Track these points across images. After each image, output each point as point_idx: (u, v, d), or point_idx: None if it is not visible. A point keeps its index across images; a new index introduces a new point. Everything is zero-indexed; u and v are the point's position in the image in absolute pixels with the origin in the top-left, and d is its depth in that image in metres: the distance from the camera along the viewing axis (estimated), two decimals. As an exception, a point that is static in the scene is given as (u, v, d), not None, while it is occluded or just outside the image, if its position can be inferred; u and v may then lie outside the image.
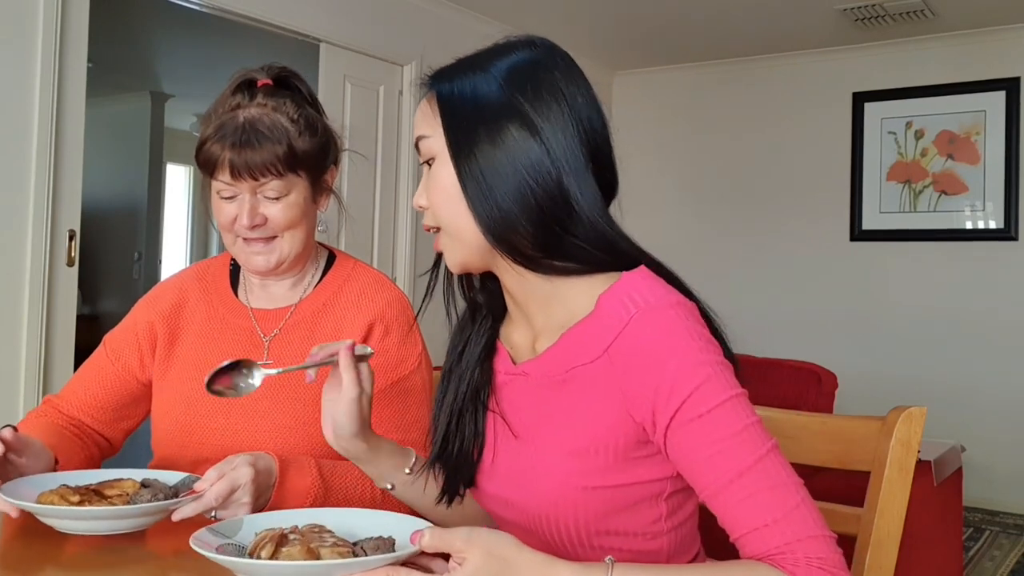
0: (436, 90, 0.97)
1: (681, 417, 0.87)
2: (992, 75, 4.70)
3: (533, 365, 0.99)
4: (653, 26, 4.80)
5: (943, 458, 2.61)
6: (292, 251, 1.36)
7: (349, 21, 4.03)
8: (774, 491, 0.86)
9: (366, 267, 1.46)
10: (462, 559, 0.79)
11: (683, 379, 0.87)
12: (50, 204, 2.95)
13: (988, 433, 4.52)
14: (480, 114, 0.94)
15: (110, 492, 1.07)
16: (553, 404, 0.96)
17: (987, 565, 3.70)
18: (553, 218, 0.92)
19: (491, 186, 0.92)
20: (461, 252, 0.98)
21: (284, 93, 1.36)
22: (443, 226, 0.98)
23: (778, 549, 0.84)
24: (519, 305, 1.02)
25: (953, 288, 4.78)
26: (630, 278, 0.94)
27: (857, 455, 1.14)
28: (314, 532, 0.90)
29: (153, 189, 6.98)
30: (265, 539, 0.86)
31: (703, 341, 0.89)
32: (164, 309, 1.43)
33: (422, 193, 0.99)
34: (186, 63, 6.22)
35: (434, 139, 0.96)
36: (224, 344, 1.39)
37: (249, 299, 1.43)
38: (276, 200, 1.32)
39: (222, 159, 1.28)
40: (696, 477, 0.89)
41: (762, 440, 0.87)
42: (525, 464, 0.97)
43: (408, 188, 4.35)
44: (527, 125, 0.93)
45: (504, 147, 0.92)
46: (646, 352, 0.89)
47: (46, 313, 2.95)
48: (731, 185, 5.36)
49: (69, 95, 3.02)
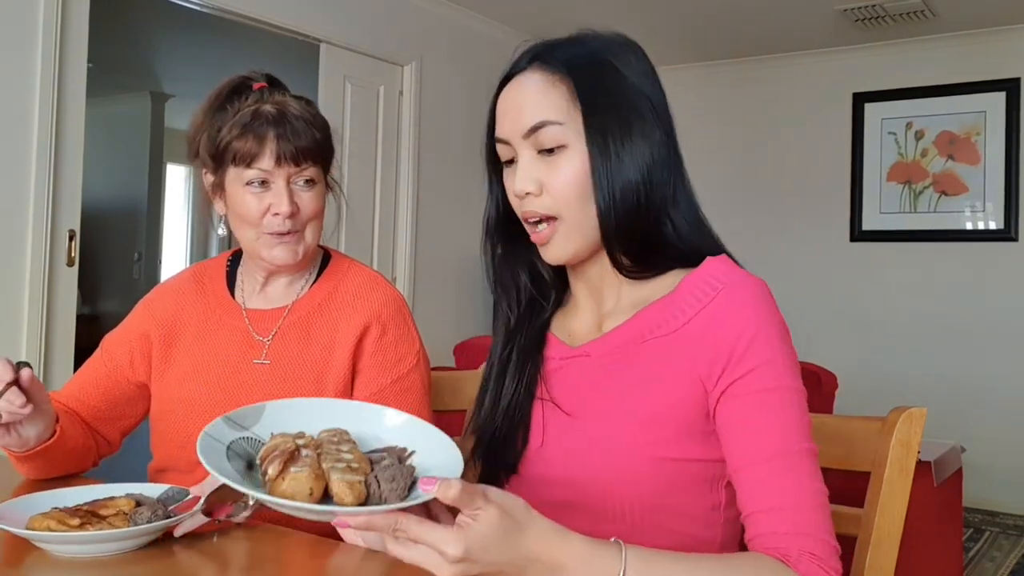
0: (573, 78, 0.95)
1: (741, 386, 0.90)
2: (992, 76, 4.70)
3: (597, 344, 1.00)
4: (652, 27, 4.80)
5: (943, 458, 2.61)
6: (312, 243, 1.38)
7: (349, 21, 4.03)
8: (799, 484, 0.87)
9: (361, 266, 1.47)
10: (476, 514, 0.75)
11: (757, 350, 0.90)
12: (50, 204, 2.95)
13: (988, 433, 4.52)
14: (620, 107, 0.95)
15: (106, 512, 1.02)
16: (619, 378, 0.96)
17: (987, 566, 3.70)
18: (667, 214, 0.96)
19: (625, 179, 0.94)
20: (576, 243, 0.97)
21: (285, 92, 1.37)
22: (564, 216, 0.96)
23: (784, 534, 0.85)
24: (592, 291, 1.03)
25: (953, 288, 4.78)
26: (715, 262, 0.96)
27: (857, 455, 1.14)
28: (332, 443, 0.84)
29: (153, 189, 6.98)
30: (275, 452, 0.81)
31: (783, 327, 0.93)
32: (160, 315, 1.43)
33: (532, 180, 0.96)
34: (186, 63, 6.22)
35: (567, 127, 0.94)
36: (221, 345, 1.39)
37: (245, 299, 1.43)
38: (309, 189, 1.34)
39: (265, 146, 1.29)
40: (734, 446, 0.90)
41: (805, 438, 0.89)
42: (583, 440, 0.96)
43: (408, 188, 4.35)
44: (658, 120, 0.96)
45: (639, 141, 0.94)
46: (730, 319, 0.91)
47: (46, 313, 2.95)
48: (731, 185, 5.36)
49: (69, 95, 3.02)
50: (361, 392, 1.35)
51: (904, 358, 4.86)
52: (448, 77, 4.56)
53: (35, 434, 1.22)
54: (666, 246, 0.98)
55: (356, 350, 1.36)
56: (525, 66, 0.99)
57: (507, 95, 0.99)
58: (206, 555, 1.00)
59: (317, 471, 0.80)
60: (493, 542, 0.75)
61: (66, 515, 0.99)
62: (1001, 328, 4.64)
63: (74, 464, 1.35)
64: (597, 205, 0.94)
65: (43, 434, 1.23)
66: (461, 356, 3.56)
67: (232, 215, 1.37)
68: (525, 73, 0.98)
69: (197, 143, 1.37)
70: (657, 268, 0.99)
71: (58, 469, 1.32)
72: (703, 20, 4.73)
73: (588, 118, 0.94)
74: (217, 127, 1.32)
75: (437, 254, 4.53)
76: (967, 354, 4.71)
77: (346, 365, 1.35)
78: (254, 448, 0.86)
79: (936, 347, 4.79)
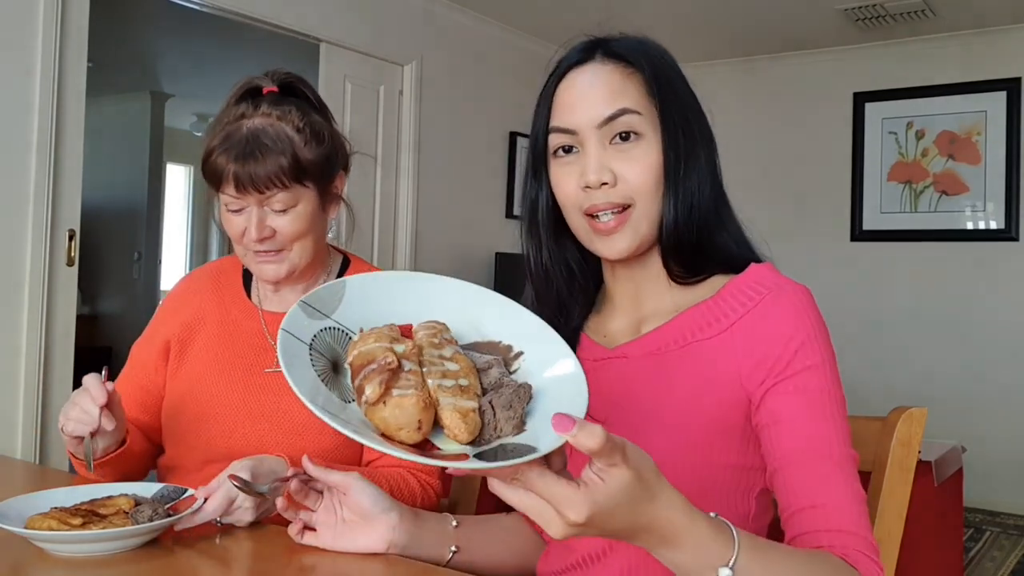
0: (648, 71, 0.97)
1: (790, 384, 0.89)
2: (993, 75, 4.70)
3: (635, 346, 0.99)
4: (651, 27, 4.78)
5: (943, 458, 2.61)
6: (302, 260, 1.36)
7: (349, 21, 4.03)
8: (845, 485, 0.86)
9: (380, 271, 1.47)
10: (608, 472, 0.66)
11: (806, 354, 0.90)
12: (50, 204, 2.95)
13: (988, 433, 4.51)
14: (688, 108, 0.97)
15: (105, 511, 1.02)
16: (658, 381, 0.96)
17: (987, 566, 3.70)
18: (722, 220, 0.98)
19: (692, 179, 0.95)
20: (642, 235, 0.96)
21: (290, 101, 1.34)
22: (640, 204, 0.95)
23: (834, 531, 0.83)
24: (635, 293, 1.03)
25: (953, 288, 4.78)
26: (760, 268, 0.97)
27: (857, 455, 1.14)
28: (433, 345, 0.75)
29: (153, 189, 6.96)
30: (373, 368, 0.70)
31: (828, 335, 0.93)
32: (182, 318, 1.44)
33: (607, 169, 0.94)
34: (186, 63, 6.21)
35: (646, 117, 0.95)
36: (237, 347, 1.39)
37: (261, 302, 1.44)
38: (283, 212, 1.30)
39: (227, 172, 1.27)
40: (777, 442, 0.89)
41: (847, 444, 0.89)
42: None
43: (408, 188, 4.35)
44: (707, 126, 0.99)
45: (703, 143, 0.97)
46: (778, 323, 0.91)
47: (46, 313, 2.95)
48: (731, 185, 5.33)
49: (69, 95, 3.02)
50: None
51: (904, 358, 4.86)
52: (448, 77, 4.56)
53: (104, 445, 1.22)
54: (715, 252, 0.98)
55: None
56: (588, 58, 0.98)
57: (574, 84, 0.97)
58: (206, 555, 1.00)
59: (426, 398, 0.70)
60: (620, 509, 0.67)
61: (67, 515, 0.99)
62: (1001, 328, 4.64)
63: (140, 470, 1.37)
64: (666, 199, 0.95)
65: (111, 446, 1.24)
66: (461, 356, 3.56)
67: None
68: (593, 64, 0.97)
69: None
70: (703, 274, 0.99)
71: (124, 475, 1.34)
72: (703, 20, 4.73)
73: (665, 112, 0.95)
74: (208, 139, 1.31)
75: (437, 254, 4.53)
76: (967, 354, 4.71)
77: None
78: (339, 342, 0.77)
79: (936, 347, 4.79)
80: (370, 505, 0.99)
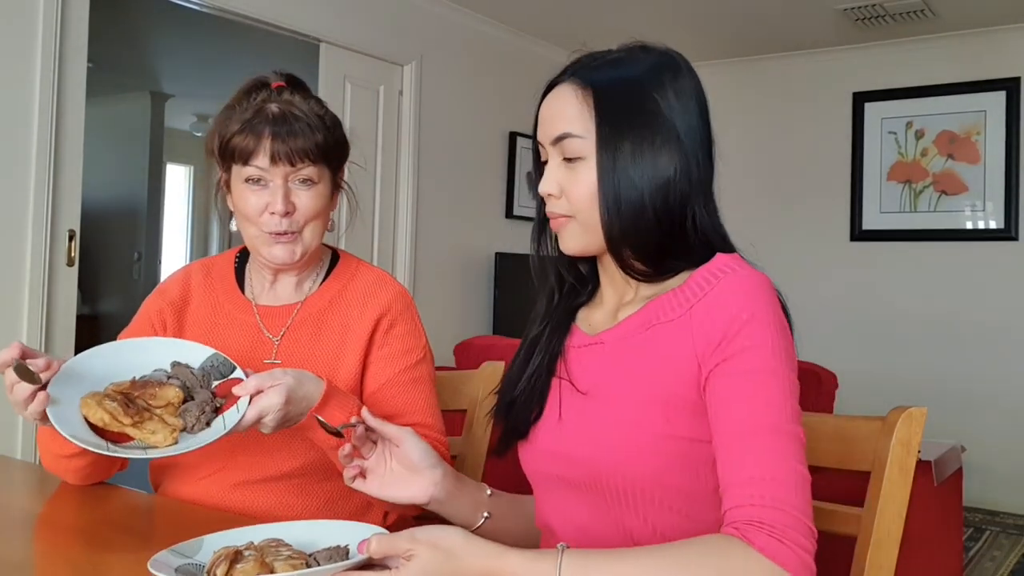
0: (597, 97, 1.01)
1: (732, 365, 0.92)
2: (992, 75, 4.70)
3: (611, 333, 1.05)
4: (651, 27, 4.80)
5: (943, 458, 2.61)
6: (312, 243, 1.38)
7: (349, 21, 4.03)
8: (778, 461, 0.87)
9: (369, 266, 1.49)
10: (409, 556, 0.83)
11: (750, 332, 0.92)
12: (50, 204, 2.95)
13: (988, 433, 4.52)
14: (636, 128, 1.00)
15: (156, 403, 1.11)
16: (629, 363, 1.01)
17: (987, 565, 3.70)
18: (680, 228, 1.01)
19: (629, 196, 1.00)
20: (585, 241, 1.05)
21: (301, 92, 1.39)
22: (577, 218, 1.04)
23: (752, 506, 0.85)
24: (615, 285, 1.09)
25: (953, 288, 4.78)
26: (723, 257, 1.01)
27: (857, 455, 1.14)
28: (271, 547, 0.92)
29: (153, 189, 6.97)
30: (221, 557, 0.88)
31: (780, 318, 0.96)
32: (172, 298, 1.44)
33: (555, 184, 1.04)
34: (186, 63, 6.21)
35: (587, 140, 1.01)
36: (230, 340, 1.40)
37: (255, 296, 1.44)
38: (307, 188, 1.35)
39: (261, 144, 1.30)
40: (718, 422, 0.92)
41: (791, 421, 0.90)
42: (596, 420, 1.01)
43: (408, 188, 4.35)
44: (682, 141, 1.00)
45: (650, 162, 1.00)
46: (727, 304, 0.95)
47: (46, 313, 2.95)
48: (730, 185, 5.35)
49: (69, 95, 3.02)
50: (371, 383, 1.37)
51: (904, 358, 4.86)
52: (448, 77, 4.56)
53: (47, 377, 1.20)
54: (677, 255, 1.03)
55: (368, 346, 1.38)
56: (564, 78, 1.05)
57: (546, 102, 1.07)
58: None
59: (262, 561, 0.87)
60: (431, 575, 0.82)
61: (120, 411, 1.07)
62: (1001, 328, 4.64)
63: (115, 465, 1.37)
64: (600, 216, 1.01)
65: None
66: (461, 356, 3.55)
67: (236, 212, 1.39)
68: (563, 85, 1.05)
69: (211, 140, 1.39)
70: (668, 273, 1.04)
71: (101, 473, 1.34)
72: (703, 20, 4.73)
73: (601, 137, 1.01)
74: (225, 124, 1.34)
75: (437, 254, 4.53)
76: (967, 353, 4.71)
77: (358, 360, 1.37)
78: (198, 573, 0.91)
79: (936, 347, 4.79)
80: (418, 459, 1.09)
